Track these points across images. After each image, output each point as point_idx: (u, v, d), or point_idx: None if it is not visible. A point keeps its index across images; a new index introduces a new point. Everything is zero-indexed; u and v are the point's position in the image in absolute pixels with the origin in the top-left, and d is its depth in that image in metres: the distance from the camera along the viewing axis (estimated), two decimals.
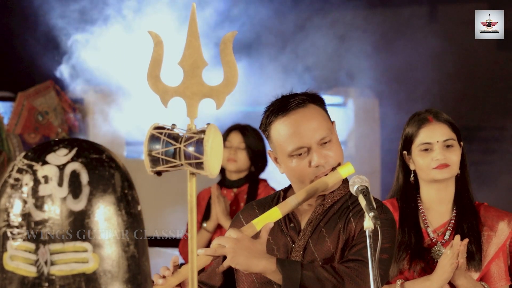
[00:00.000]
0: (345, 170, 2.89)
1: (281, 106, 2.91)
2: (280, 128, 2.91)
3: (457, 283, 3.26)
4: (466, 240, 3.23)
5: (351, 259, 2.79)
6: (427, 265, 3.35)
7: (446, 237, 3.38)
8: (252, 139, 5.37)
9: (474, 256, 3.33)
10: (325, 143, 2.89)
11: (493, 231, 3.38)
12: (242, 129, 5.39)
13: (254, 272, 2.75)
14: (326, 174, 2.88)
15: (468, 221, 3.38)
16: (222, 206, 5.26)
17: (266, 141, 5.43)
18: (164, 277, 2.76)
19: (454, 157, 3.38)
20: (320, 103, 2.95)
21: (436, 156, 3.36)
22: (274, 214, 2.84)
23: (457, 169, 3.40)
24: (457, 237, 3.22)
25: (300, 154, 2.89)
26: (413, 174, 3.45)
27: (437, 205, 3.43)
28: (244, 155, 5.34)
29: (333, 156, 2.90)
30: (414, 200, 3.44)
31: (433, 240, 3.38)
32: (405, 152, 3.44)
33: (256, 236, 2.78)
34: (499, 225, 3.38)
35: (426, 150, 3.39)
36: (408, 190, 3.45)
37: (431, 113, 3.43)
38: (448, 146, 3.38)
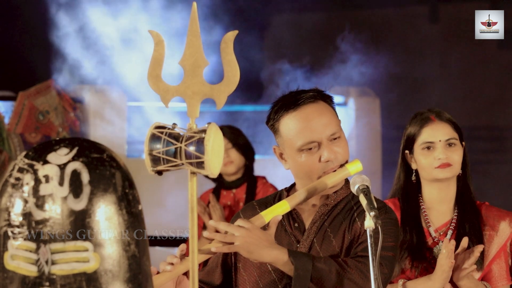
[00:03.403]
0: (354, 167, 2.88)
1: (292, 101, 2.90)
2: (291, 123, 2.89)
3: (459, 284, 3.26)
4: (481, 246, 3.24)
5: (360, 255, 2.79)
6: (429, 264, 3.35)
7: (448, 236, 3.38)
8: (233, 135, 5.40)
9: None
10: (335, 139, 2.89)
11: (494, 231, 3.38)
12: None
13: (265, 261, 2.75)
14: (335, 170, 2.88)
15: (469, 221, 3.38)
16: (218, 214, 5.27)
17: (243, 131, 5.45)
18: (171, 264, 2.74)
19: (456, 156, 3.38)
20: (329, 100, 2.95)
21: (438, 155, 3.36)
22: (283, 206, 2.83)
23: (459, 168, 3.40)
24: (446, 240, 3.23)
25: (310, 149, 2.87)
26: (414, 174, 3.45)
27: (438, 205, 3.43)
28: (236, 153, 5.37)
29: (342, 152, 2.90)
30: (416, 200, 3.44)
31: (435, 240, 3.39)
32: (407, 151, 3.44)
33: (264, 228, 2.78)
34: (500, 224, 3.38)
35: (429, 149, 3.39)
36: (409, 189, 3.45)
37: (434, 113, 3.43)
38: (450, 145, 3.38)
